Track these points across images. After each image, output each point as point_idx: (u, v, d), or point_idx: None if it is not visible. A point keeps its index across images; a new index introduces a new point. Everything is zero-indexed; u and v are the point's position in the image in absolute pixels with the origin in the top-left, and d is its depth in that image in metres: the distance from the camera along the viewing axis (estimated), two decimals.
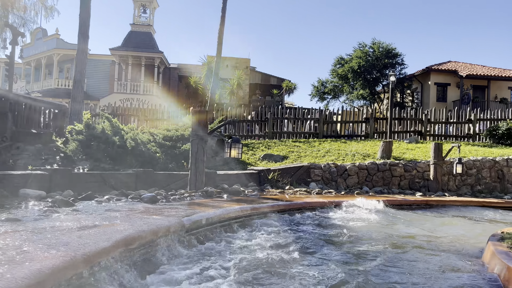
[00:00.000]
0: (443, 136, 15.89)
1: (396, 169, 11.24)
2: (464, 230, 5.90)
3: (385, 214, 7.27)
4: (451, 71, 31.27)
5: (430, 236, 5.32)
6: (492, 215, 7.96)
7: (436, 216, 7.54)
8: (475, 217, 7.63)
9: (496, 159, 11.83)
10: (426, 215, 7.62)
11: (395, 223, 6.38)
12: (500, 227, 5.44)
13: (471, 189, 11.62)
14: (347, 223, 5.97)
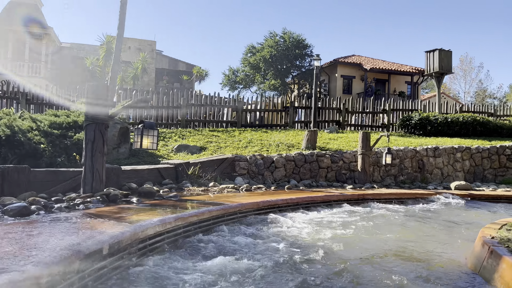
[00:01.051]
0: (360, 126, 15.78)
1: (323, 160, 10.44)
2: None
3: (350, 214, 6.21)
4: (356, 64, 32.42)
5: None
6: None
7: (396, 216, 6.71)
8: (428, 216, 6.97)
9: (417, 149, 11.73)
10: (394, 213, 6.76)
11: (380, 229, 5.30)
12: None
13: (395, 179, 11.36)
14: (317, 239, 4.72)
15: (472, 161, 12.35)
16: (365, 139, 10.33)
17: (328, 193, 7.76)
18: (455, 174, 12.08)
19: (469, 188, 10.39)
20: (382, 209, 7.17)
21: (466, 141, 13.20)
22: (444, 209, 7.85)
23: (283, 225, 5.13)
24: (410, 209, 7.40)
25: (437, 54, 15.27)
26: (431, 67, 15.52)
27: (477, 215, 7.24)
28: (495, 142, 13.47)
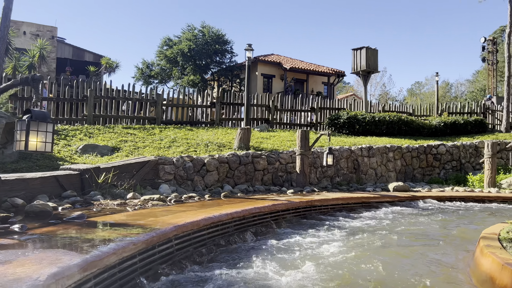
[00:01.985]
0: (289, 124, 15.00)
1: (260, 161, 9.28)
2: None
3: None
4: (276, 63, 32.11)
5: None
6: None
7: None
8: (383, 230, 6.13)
9: (352, 148, 11.17)
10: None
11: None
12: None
13: (331, 181, 10.65)
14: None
15: (403, 161, 12.19)
16: (304, 138, 9.40)
17: (274, 201, 6.58)
18: (388, 174, 11.79)
19: (407, 189, 10.03)
20: (345, 222, 6.19)
21: (395, 140, 13.08)
22: (410, 217, 7.16)
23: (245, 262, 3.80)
24: (378, 222, 6.54)
25: (364, 52, 15.12)
26: (358, 65, 15.35)
27: (460, 226, 6.62)
28: (421, 141, 13.58)
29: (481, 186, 11.17)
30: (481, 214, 7.70)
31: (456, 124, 16.04)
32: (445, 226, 6.35)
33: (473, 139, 14.65)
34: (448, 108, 18.21)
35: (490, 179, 10.91)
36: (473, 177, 11.70)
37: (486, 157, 11.02)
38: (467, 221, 6.91)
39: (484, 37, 24.75)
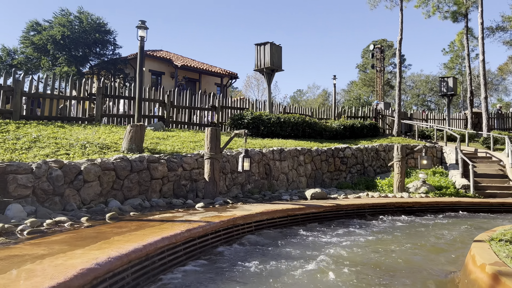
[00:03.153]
0: (187, 124, 13.07)
1: (158, 167, 7.28)
2: None
3: None
4: (166, 59, 29.68)
5: None
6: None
7: None
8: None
9: (263, 151, 9.82)
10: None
11: None
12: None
13: (242, 189, 9.12)
14: None
15: (313, 165, 11.29)
16: (214, 138, 7.68)
17: (186, 223, 4.73)
18: (298, 179, 10.74)
19: (324, 196, 9.02)
20: (288, 250, 4.64)
21: (302, 143, 12.18)
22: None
23: None
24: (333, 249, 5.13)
25: (269, 48, 14.04)
26: (262, 61, 14.21)
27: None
28: (326, 144, 12.96)
29: (391, 190, 10.82)
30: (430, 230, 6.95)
31: (354, 127, 16.02)
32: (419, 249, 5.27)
33: (372, 142, 14.65)
34: (344, 112, 18.31)
35: (399, 183, 10.59)
36: (382, 182, 11.35)
37: (396, 160, 10.69)
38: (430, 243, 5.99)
39: (373, 44, 26.27)
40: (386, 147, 14.17)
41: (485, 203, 9.45)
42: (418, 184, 10.91)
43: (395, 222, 7.58)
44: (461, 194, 10.59)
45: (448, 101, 20.15)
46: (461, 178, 11.65)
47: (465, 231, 6.94)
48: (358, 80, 59.76)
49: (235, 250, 4.81)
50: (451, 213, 9.04)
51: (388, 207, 8.54)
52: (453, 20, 22.08)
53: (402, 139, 16.47)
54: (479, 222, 8.00)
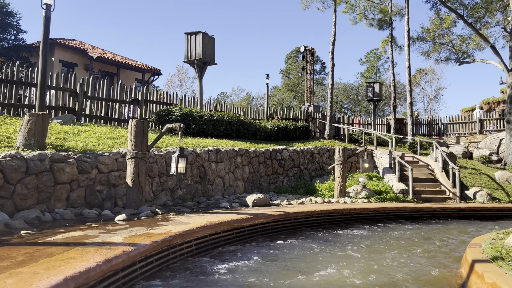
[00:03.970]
0: (103, 118, 11.20)
1: (65, 168, 5.65)
2: None
3: None
4: (80, 50, 26.68)
5: None
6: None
7: None
8: None
9: (197, 151, 8.52)
10: None
11: None
12: None
13: (172, 195, 7.72)
14: None
15: (251, 167, 10.24)
16: (140, 133, 6.22)
17: (107, 249, 3.32)
18: (236, 183, 9.61)
19: (268, 202, 7.99)
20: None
21: (238, 144, 11.07)
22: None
23: None
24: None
25: (200, 38, 12.72)
26: (193, 53, 12.83)
27: None
28: (263, 145, 12.00)
29: (331, 195, 10.17)
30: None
31: (288, 129, 15.35)
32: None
33: (306, 144, 14.06)
34: (276, 113, 17.62)
35: (341, 187, 9.97)
36: (322, 186, 10.66)
37: (337, 163, 10.07)
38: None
39: (303, 46, 26.16)
40: (320, 149, 13.67)
41: (427, 209, 9.18)
42: (358, 188, 10.40)
43: (354, 235, 6.81)
44: (401, 199, 10.30)
45: (374, 106, 20.53)
46: (398, 182, 11.44)
47: (444, 242, 6.36)
48: (282, 85, 60.55)
49: (174, 285, 3.51)
50: (404, 221, 8.60)
51: (337, 214, 7.77)
52: (379, 28, 22.70)
53: (334, 142, 16.19)
54: (439, 230, 7.59)
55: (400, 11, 20.79)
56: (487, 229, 7.59)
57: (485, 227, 7.97)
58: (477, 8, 18.64)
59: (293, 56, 60.27)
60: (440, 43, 22.77)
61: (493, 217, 9.62)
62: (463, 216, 9.29)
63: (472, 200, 11.11)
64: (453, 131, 23.52)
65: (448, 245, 6.04)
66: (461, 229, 7.76)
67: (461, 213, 9.32)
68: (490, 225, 8.24)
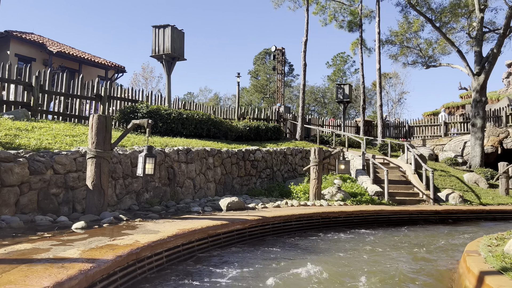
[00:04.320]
0: (62, 115, 10.30)
1: (13, 169, 4.91)
2: None
3: None
4: (38, 44, 25.14)
5: None
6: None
7: None
8: None
9: (166, 151, 7.89)
10: None
11: None
12: None
13: (137, 199, 7.06)
14: None
15: (223, 169, 9.69)
16: (102, 129, 5.55)
17: (59, 268, 2.70)
18: (207, 185, 9.03)
19: (242, 206, 7.48)
20: None
21: (208, 143, 10.49)
22: None
23: None
24: None
25: (169, 32, 12.03)
26: (161, 47, 12.11)
27: None
28: (235, 145, 11.48)
29: (307, 197, 9.79)
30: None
31: (259, 129, 14.90)
32: None
33: (278, 145, 13.67)
34: (247, 113, 17.13)
35: (316, 189, 9.61)
36: (297, 188, 10.27)
37: (313, 164, 9.70)
38: None
39: (275, 46, 25.79)
40: (293, 150, 13.31)
41: (405, 212, 8.97)
42: (333, 190, 10.09)
43: (337, 240, 6.41)
44: (376, 202, 10.07)
45: (344, 108, 20.49)
46: (372, 184, 11.23)
47: (432, 247, 6.05)
48: (250, 86, 60.17)
49: None
50: (384, 224, 8.33)
51: (315, 218, 7.37)
52: (349, 30, 22.77)
53: (306, 143, 15.91)
54: (424, 235, 7.33)
55: (371, 13, 20.92)
56: (469, 233, 7.44)
57: (466, 231, 7.83)
58: (444, 13, 18.97)
59: (261, 58, 60.07)
60: (407, 46, 23.08)
61: (468, 219, 9.56)
62: (440, 219, 9.16)
63: (445, 202, 11.06)
64: (419, 134, 23.89)
65: (437, 252, 5.77)
66: (444, 233, 7.57)
67: (438, 216, 9.19)
68: (470, 228, 8.12)
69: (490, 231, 7.72)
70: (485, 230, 7.49)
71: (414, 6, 18.01)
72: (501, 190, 12.92)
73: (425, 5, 19.10)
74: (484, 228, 8.26)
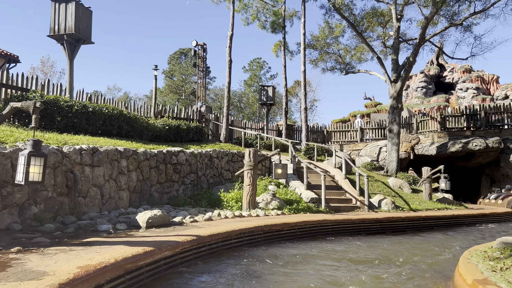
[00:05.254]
0: None
1: None
2: None
3: None
4: None
5: None
6: None
7: None
8: None
9: (63, 150, 6.01)
10: None
11: None
12: None
13: (21, 214, 5.13)
14: None
15: (139, 173, 7.97)
16: None
17: None
18: (119, 194, 7.26)
19: (167, 221, 5.94)
20: None
21: (121, 143, 8.68)
22: None
23: None
24: None
25: (73, 8, 9.88)
26: (62, 25, 9.90)
27: None
28: (153, 145, 9.79)
29: (239, 207, 8.50)
30: None
31: (180, 129, 13.30)
32: None
33: (202, 147, 12.24)
34: (166, 110, 15.37)
35: (251, 197, 8.38)
36: (228, 195, 8.91)
37: (247, 168, 8.46)
38: None
39: (195, 41, 23.94)
40: (219, 153, 11.96)
41: (348, 221, 8.14)
42: (268, 198, 8.96)
43: (285, 257, 5.18)
44: (314, 210, 9.16)
45: (267, 110, 19.70)
46: (307, 190, 10.37)
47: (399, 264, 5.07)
48: (164, 86, 57.29)
49: None
50: (329, 236, 7.34)
51: (257, 233, 6.12)
52: (272, 31, 22.15)
53: (231, 145, 14.69)
54: (375, 248, 6.44)
55: (296, 13, 20.48)
56: (423, 242, 6.79)
57: (420, 242, 7.19)
58: (367, 18, 19.22)
59: (177, 57, 57.60)
60: (327, 52, 23.17)
61: (407, 228, 9.08)
62: (381, 228, 8.53)
63: (378, 208, 10.62)
64: (336, 139, 24.15)
65: (413, 270, 4.86)
66: (392, 245, 6.83)
67: (379, 224, 8.54)
68: (422, 238, 7.54)
69: (440, 243, 7.20)
70: (447, 244, 6.94)
71: (339, 10, 17.90)
72: (425, 195, 13.00)
73: (348, 10, 19.18)
74: (431, 237, 7.77)
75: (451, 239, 7.79)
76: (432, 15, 17.25)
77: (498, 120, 20.87)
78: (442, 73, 36.53)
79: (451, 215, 10.03)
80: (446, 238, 7.89)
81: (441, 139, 21.40)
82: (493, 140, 19.45)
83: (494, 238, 7.59)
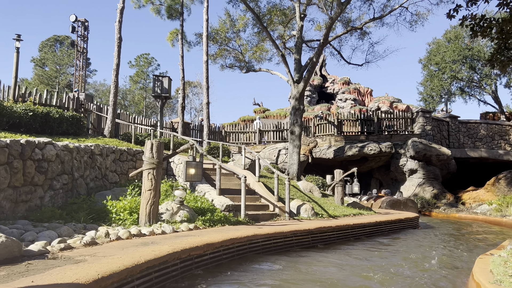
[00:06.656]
0: None
1: None
2: None
3: None
4: None
5: None
6: None
7: None
8: None
9: None
10: None
11: None
12: None
13: None
14: None
15: None
16: None
17: None
18: None
19: (16, 253, 3.50)
20: None
21: None
22: None
23: None
24: None
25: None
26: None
27: None
28: (8, 134, 6.86)
29: (135, 220, 6.18)
30: None
31: (51, 117, 10.24)
32: None
33: (80, 142, 9.49)
34: (30, 94, 11.93)
35: (152, 206, 6.13)
36: (118, 205, 6.48)
37: (148, 167, 6.20)
38: None
39: (75, 15, 19.82)
40: (104, 149, 9.34)
41: (279, 234, 6.43)
42: (174, 206, 6.82)
43: None
44: (233, 220, 7.29)
45: (161, 104, 17.23)
46: (220, 196, 8.47)
47: None
48: (34, 76, 49.45)
49: None
50: (262, 255, 5.50)
51: (171, 264, 4.01)
52: (168, 16, 19.74)
53: (118, 141, 12.00)
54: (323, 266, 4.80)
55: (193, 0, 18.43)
56: (367, 259, 5.44)
57: (368, 256, 5.82)
58: (273, 12, 18.15)
59: (50, 44, 50.25)
60: (226, 48, 21.62)
61: (341, 238, 7.79)
62: (313, 241, 7.05)
63: (298, 216, 9.26)
64: (235, 140, 22.76)
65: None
66: (360, 262, 5.35)
67: (310, 236, 7.06)
68: (364, 252, 6.21)
69: (397, 255, 5.97)
70: (406, 255, 5.67)
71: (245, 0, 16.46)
72: (337, 200, 12.15)
73: (252, 2, 17.90)
74: (372, 248, 6.53)
75: (399, 248, 6.69)
76: (337, 15, 16.91)
77: (388, 126, 21.79)
78: (324, 84, 38.15)
79: (375, 222, 9.14)
80: (393, 248, 6.76)
81: (337, 142, 21.51)
82: (386, 145, 20.12)
83: (449, 242, 6.78)
